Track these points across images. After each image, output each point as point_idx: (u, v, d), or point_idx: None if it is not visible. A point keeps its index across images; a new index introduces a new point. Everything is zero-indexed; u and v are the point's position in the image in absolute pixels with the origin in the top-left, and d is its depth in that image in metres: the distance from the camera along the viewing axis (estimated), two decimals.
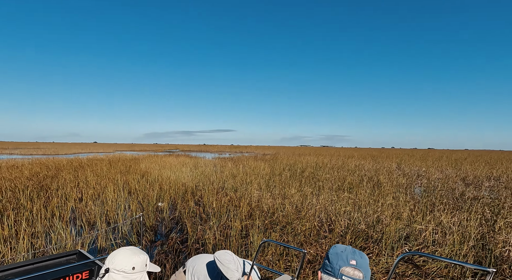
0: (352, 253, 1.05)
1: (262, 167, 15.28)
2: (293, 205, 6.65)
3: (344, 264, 1.02)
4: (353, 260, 1.02)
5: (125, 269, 1.19)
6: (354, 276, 1.00)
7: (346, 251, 1.05)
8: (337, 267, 1.02)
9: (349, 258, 1.03)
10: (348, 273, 1.00)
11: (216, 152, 50.99)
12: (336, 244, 1.13)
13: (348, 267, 1.01)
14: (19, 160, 19.84)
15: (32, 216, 5.80)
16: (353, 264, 1.02)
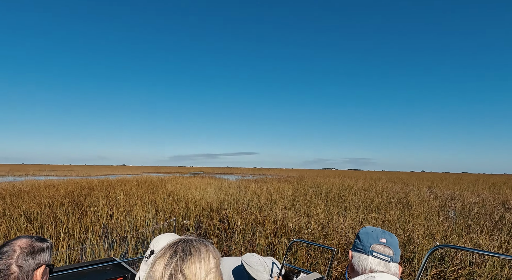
0: (382, 233, 1.10)
1: (286, 188, 15.17)
2: (318, 223, 6.54)
3: (374, 241, 1.06)
4: (383, 239, 1.07)
5: None
6: (385, 253, 1.04)
7: (376, 231, 1.10)
8: (367, 245, 1.07)
9: (379, 236, 1.08)
10: (378, 250, 1.05)
11: (240, 174, 51.14)
12: (366, 226, 1.18)
13: (379, 244, 1.06)
14: (55, 180, 20.99)
15: (68, 230, 6.12)
16: (383, 242, 1.06)
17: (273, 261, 2.35)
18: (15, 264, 0.93)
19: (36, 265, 0.98)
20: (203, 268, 0.64)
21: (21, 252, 0.95)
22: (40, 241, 1.03)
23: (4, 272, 0.91)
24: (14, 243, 0.97)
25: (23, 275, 0.94)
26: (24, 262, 0.94)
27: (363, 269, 1.05)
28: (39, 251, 0.99)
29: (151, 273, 0.63)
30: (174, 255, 0.64)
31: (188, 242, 0.68)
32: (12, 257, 0.93)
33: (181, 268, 0.62)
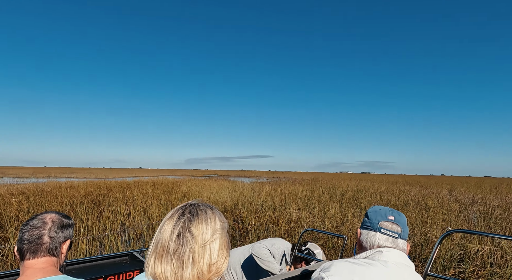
0: (390, 211, 1.11)
1: (300, 190, 15.07)
2: (333, 224, 6.48)
3: (382, 219, 1.07)
4: (391, 216, 1.08)
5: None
6: (393, 229, 1.05)
7: (385, 209, 1.11)
8: (375, 222, 1.07)
9: (387, 214, 1.09)
10: (386, 227, 1.05)
11: (254, 177, 51.15)
12: (374, 205, 1.19)
13: (387, 221, 1.06)
14: (76, 182, 21.66)
15: (88, 227, 6.32)
16: (391, 219, 1.07)
17: (281, 246, 2.35)
18: (47, 235, 1.00)
19: (64, 239, 1.05)
20: (209, 229, 0.67)
21: (52, 225, 1.03)
22: (66, 218, 1.10)
23: (37, 241, 0.99)
24: (45, 217, 1.04)
25: (53, 245, 1.01)
26: (55, 234, 1.02)
27: (371, 245, 1.06)
28: (67, 226, 1.07)
29: (160, 233, 0.66)
30: (182, 216, 0.67)
31: (194, 205, 0.71)
32: (44, 228, 1.01)
33: (189, 227, 0.65)
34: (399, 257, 1.00)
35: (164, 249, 0.64)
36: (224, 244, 0.70)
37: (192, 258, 0.64)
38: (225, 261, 0.69)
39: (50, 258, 1.01)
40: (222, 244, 0.69)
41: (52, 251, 1.01)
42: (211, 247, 0.66)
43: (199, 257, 0.64)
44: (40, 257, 0.99)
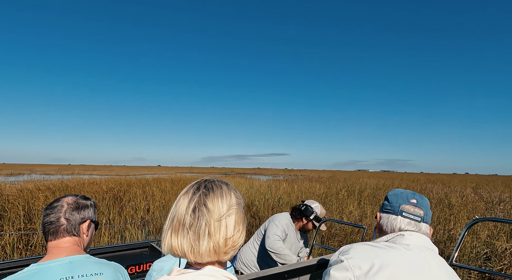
0: (412, 194, 1.05)
1: (317, 187, 14.93)
2: (351, 220, 6.38)
3: (404, 202, 1.02)
4: (414, 199, 1.03)
5: None
6: (415, 213, 1.00)
7: (406, 192, 1.06)
8: (396, 205, 1.03)
9: (409, 197, 1.04)
10: (408, 210, 1.01)
11: (270, 175, 51.14)
12: (395, 189, 1.14)
13: (408, 204, 1.01)
14: (98, 178, 22.38)
15: (109, 221, 6.52)
16: (414, 202, 1.02)
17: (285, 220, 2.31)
18: (63, 217, 1.04)
19: (81, 219, 1.08)
20: (225, 203, 0.67)
21: (68, 207, 1.06)
22: (84, 199, 1.13)
23: (55, 224, 1.03)
24: (62, 200, 1.09)
25: (71, 227, 1.05)
26: (71, 215, 1.05)
27: (392, 229, 1.01)
28: (84, 207, 1.10)
29: (176, 208, 0.67)
30: (197, 191, 0.67)
31: (210, 181, 0.71)
32: (60, 211, 1.05)
33: (205, 201, 0.65)
34: (422, 240, 0.96)
35: (180, 223, 0.64)
36: (240, 219, 0.69)
37: (208, 231, 0.63)
38: (241, 236, 0.68)
39: (71, 238, 1.04)
40: (238, 218, 0.68)
41: (71, 231, 1.05)
42: (227, 221, 0.66)
43: (215, 231, 0.64)
44: (60, 237, 1.03)
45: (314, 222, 2.31)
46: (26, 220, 6.19)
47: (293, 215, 2.38)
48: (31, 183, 15.13)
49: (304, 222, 2.34)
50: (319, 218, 2.32)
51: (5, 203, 8.24)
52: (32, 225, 5.69)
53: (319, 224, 2.25)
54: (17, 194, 10.13)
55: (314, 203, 2.38)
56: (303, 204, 2.37)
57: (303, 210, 2.32)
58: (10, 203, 8.21)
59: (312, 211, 2.29)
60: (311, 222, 2.31)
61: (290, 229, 2.33)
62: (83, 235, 1.08)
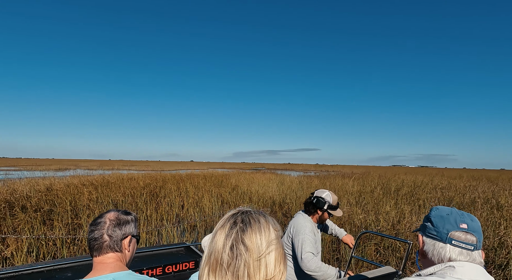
0: (460, 216, 0.92)
1: (351, 184, 14.52)
2: (388, 221, 6.11)
3: (453, 228, 0.90)
4: (464, 223, 0.90)
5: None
6: (467, 241, 0.88)
7: (453, 214, 0.93)
8: (444, 231, 0.91)
9: (458, 221, 0.91)
10: (459, 238, 0.89)
11: (301, 171, 50.66)
12: (438, 206, 1.00)
13: (459, 231, 0.89)
14: (135, 174, 23.53)
15: (147, 217, 6.81)
16: (464, 227, 0.89)
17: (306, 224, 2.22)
18: (106, 234, 1.08)
19: (123, 235, 1.11)
20: (264, 239, 0.62)
21: (110, 223, 1.09)
22: (125, 214, 1.16)
23: (99, 240, 1.07)
24: (105, 216, 1.12)
25: (113, 243, 1.08)
26: (113, 232, 1.08)
27: (440, 258, 0.90)
28: (125, 223, 1.12)
29: (213, 243, 0.64)
30: (234, 226, 0.63)
31: (246, 213, 0.66)
32: (103, 227, 1.08)
33: (242, 238, 0.61)
34: (476, 273, 0.84)
35: (217, 262, 0.61)
36: (280, 256, 0.64)
37: (248, 272, 0.60)
38: (282, 276, 0.64)
39: (114, 254, 1.08)
40: (278, 256, 0.64)
41: (113, 247, 1.08)
42: (267, 260, 0.61)
43: (254, 272, 0.60)
44: (104, 253, 1.07)
45: (329, 211, 2.24)
46: (73, 215, 6.64)
47: (308, 211, 2.32)
48: (77, 178, 16.24)
49: (319, 214, 2.28)
50: (334, 206, 2.25)
51: (55, 198, 8.93)
52: (78, 221, 6.09)
53: (358, 236, 2.16)
54: (65, 189, 10.93)
55: (323, 192, 2.30)
56: (313, 196, 2.29)
57: (315, 203, 2.26)
58: (59, 198, 8.88)
59: (324, 201, 2.23)
60: (326, 212, 2.24)
61: (314, 230, 2.27)
62: (125, 251, 1.11)
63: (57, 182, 13.29)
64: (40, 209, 7.33)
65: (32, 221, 5.64)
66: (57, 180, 14.63)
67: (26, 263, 3.65)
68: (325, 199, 2.22)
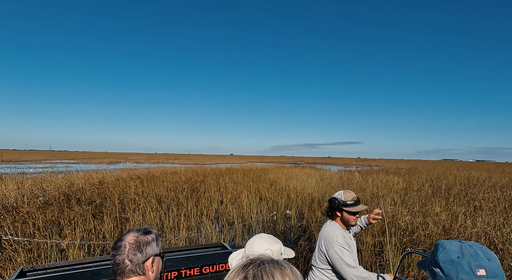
0: (475, 257, 0.74)
1: (395, 181, 13.72)
2: (438, 224, 5.63)
3: (468, 277, 0.72)
4: (481, 269, 0.72)
5: None
6: None
7: (466, 256, 0.75)
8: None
9: (473, 266, 0.73)
10: None
11: (342, 165, 49.18)
12: (444, 244, 0.80)
13: (475, 279, 0.72)
14: (178, 167, 24.59)
15: (188, 213, 7.03)
16: (483, 275, 0.71)
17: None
18: (127, 259, 1.05)
19: (145, 258, 1.08)
20: None
21: (129, 247, 1.07)
22: (145, 234, 1.12)
23: (121, 265, 1.05)
24: (125, 238, 1.10)
25: (135, 267, 1.06)
26: (133, 256, 1.06)
27: None
28: (145, 245, 1.09)
29: None
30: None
31: (260, 266, 0.56)
32: (124, 252, 1.06)
33: None
34: None
35: None
36: None
37: None
38: None
39: (137, 277, 1.06)
40: None
41: (136, 271, 1.06)
42: None
43: None
44: (127, 278, 1.06)
45: (347, 210, 2.08)
46: (120, 209, 7.09)
47: (331, 217, 2.18)
48: (125, 172, 17.38)
49: (339, 216, 2.14)
50: (349, 203, 2.10)
51: (106, 191, 9.62)
52: (125, 214, 6.49)
53: (402, 257, 1.98)
54: (115, 183, 11.75)
55: (336, 192, 2.19)
56: (332, 199, 2.19)
57: (330, 206, 2.15)
58: (109, 191, 9.55)
59: (336, 200, 2.10)
60: (345, 212, 2.08)
61: (347, 237, 2.12)
62: (148, 272, 1.09)
63: (108, 176, 14.34)
64: (93, 202, 7.94)
65: (85, 214, 6.12)
66: (108, 173, 15.79)
67: (79, 255, 3.94)
68: (337, 198, 2.11)
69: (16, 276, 2.06)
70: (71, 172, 16.63)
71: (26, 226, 5.26)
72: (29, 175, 14.07)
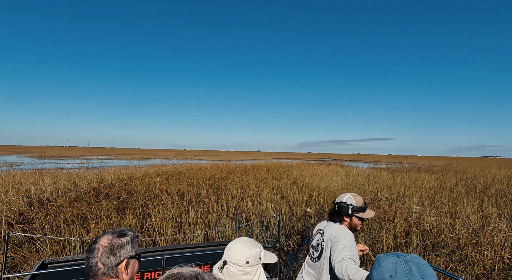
0: (408, 276, 0.66)
1: (426, 180, 13.05)
2: (467, 227, 5.28)
3: None
4: None
5: (239, 262, 1.19)
6: None
7: (398, 274, 0.67)
8: None
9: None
10: None
11: (371, 162, 47.63)
12: (381, 260, 0.72)
13: None
14: (204, 164, 25.09)
15: (208, 209, 7.15)
16: None
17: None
18: (100, 262, 1.06)
19: (118, 261, 1.08)
20: None
21: (102, 250, 1.07)
22: (120, 237, 1.12)
23: (94, 268, 1.06)
24: (99, 241, 1.10)
25: (108, 270, 1.06)
26: (106, 259, 1.06)
27: None
28: (119, 248, 1.09)
29: None
30: None
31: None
32: (97, 255, 1.07)
33: None
34: None
35: None
36: None
37: None
38: None
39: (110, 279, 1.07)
40: None
41: (108, 274, 1.07)
42: None
43: None
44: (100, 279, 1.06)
45: (357, 215, 1.95)
46: (143, 205, 7.36)
47: (337, 221, 2.05)
48: (153, 168, 18.02)
49: (347, 221, 2.01)
50: (360, 208, 1.97)
51: (133, 187, 10.04)
52: (148, 210, 6.72)
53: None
54: (142, 179, 12.22)
55: (344, 196, 2.04)
56: (334, 204, 2.06)
57: (339, 210, 2.00)
58: (136, 187, 9.95)
59: (347, 205, 1.95)
60: (354, 217, 1.96)
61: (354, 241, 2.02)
62: (122, 275, 1.09)
63: (136, 172, 14.95)
64: (119, 197, 8.31)
65: (110, 209, 6.41)
66: (137, 169, 16.46)
67: None
68: (347, 203, 1.97)
69: (37, 268, 2.19)
70: (104, 168, 17.53)
71: (57, 219, 5.62)
72: (65, 170, 15.01)
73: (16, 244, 4.38)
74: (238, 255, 1.20)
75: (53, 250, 4.01)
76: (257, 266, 1.24)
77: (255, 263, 1.22)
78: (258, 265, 1.24)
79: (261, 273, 1.25)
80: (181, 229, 5.53)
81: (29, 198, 7.27)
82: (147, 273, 2.26)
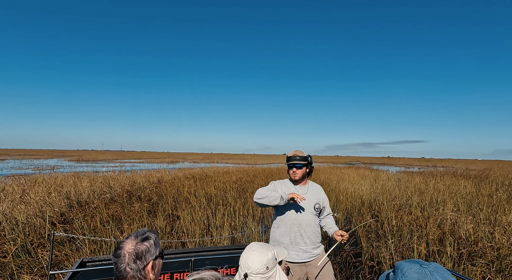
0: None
1: (462, 185, 12.35)
2: (508, 235, 4.95)
3: None
4: None
5: (260, 271, 1.20)
6: None
7: None
8: None
9: None
10: None
11: (402, 166, 45.77)
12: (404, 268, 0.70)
13: None
14: (231, 167, 25.42)
15: (234, 212, 7.26)
16: None
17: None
18: (128, 267, 1.13)
19: (144, 265, 1.15)
20: None
21: (128, 256, 1.14)
22: (142, 242, 1.17)
23: (123, 273, 1.14)
24: (123, 246, 1.16)
25: (136, 273, 1.14)
26: (133, 265, 1.13)
27: None
28: (144, 253, 1.15)
29: None
30: None
31: None
32: (124, 261, 1.13)
33: None
34: None
35: None
36: None
37: None
38: None
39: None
40: None
41: (137, 277, 1.14)
42: None
43: None
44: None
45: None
46: (173, 207, 7.62)
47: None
48: (182, 171, 18.54)
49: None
50: (289, 157, 2.44)
51: (163, 190, 10.41)
52: (177, 212, 6.96)
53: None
54: (171, 182, 12.63)
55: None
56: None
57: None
58: (166, 190, 10.32)
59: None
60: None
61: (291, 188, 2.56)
62: (149, 275, 1.16)
63: (166, 175, 15.48)
64: (150, 199, 8.66)
65: (142, 211, 6.71)
66: (166, 172, 17.03)
67: None
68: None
69: (77, 266, 2.37)
70: (136, 171, 18.31)
71: (94, 220, 5.99)
72: (101, 173, 15.87)
73: (58, 242, 4.72)
74: (257, 264, 1.22)
75: (91, 249, 4.28)
76: (276, 267, 1.27)
77: (274, 265, 1.26)
78: (276, 265, 1.28)
79: (280, 272, 1.29)
80: (208, 232, 5.67)
81: (69, 200, 7.79)
82: (177, 273, 2.37)
